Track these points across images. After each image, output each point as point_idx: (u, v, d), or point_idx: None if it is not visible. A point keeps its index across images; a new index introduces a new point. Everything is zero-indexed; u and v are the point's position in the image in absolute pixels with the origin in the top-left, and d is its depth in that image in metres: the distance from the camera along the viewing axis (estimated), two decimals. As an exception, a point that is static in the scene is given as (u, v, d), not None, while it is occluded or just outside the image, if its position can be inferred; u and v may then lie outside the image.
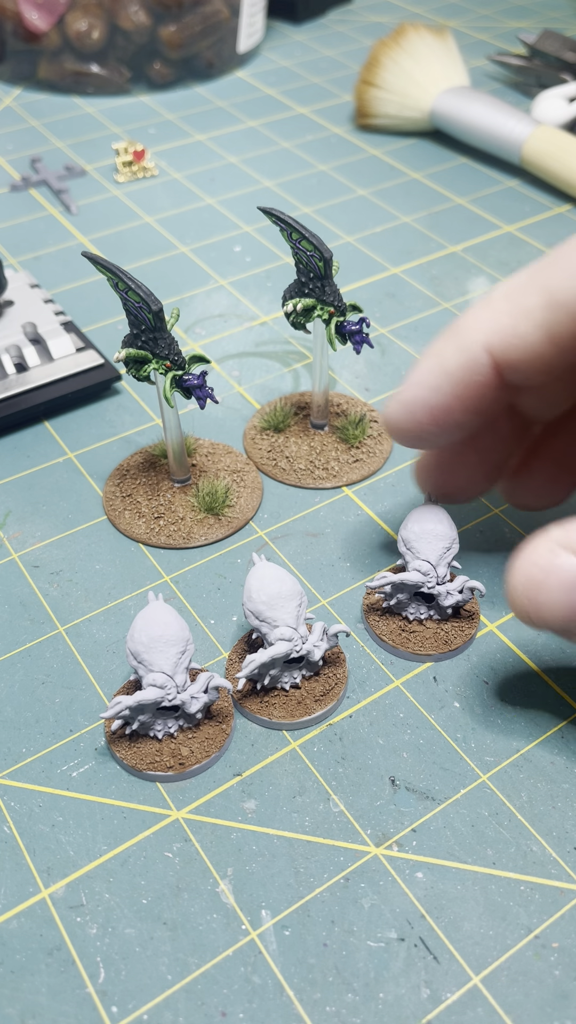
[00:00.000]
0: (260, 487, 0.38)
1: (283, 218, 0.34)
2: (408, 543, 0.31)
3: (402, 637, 0.32)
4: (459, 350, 0.27)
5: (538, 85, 0.66)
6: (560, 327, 0.26)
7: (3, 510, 0.37)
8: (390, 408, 0.29)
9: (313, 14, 0.78)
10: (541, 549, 0.25)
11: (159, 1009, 0.24)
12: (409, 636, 0.32)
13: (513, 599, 0.26)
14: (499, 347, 0.27)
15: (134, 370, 0.33)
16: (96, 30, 0.63)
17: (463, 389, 0.27)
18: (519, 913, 0.26)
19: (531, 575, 0.25)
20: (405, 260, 0.51)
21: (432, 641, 0.32)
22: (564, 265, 0.25)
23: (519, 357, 0.26)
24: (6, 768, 0.29)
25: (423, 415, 0.28)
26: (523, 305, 0.26)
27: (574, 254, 0.26)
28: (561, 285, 0.25)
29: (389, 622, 0.32)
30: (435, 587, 0.31)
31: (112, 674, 0.31)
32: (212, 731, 0.29)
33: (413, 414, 0.29)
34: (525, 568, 0.26)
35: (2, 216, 0.54)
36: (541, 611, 0.25)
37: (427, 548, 0.31)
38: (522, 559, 0.26)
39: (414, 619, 0.32)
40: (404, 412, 0.29)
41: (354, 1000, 0.24)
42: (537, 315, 0.26)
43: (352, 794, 0.28)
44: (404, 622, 0.32)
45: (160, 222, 0.54)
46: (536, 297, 0.26)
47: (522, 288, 0.26)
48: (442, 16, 0.78)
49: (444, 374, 0.28)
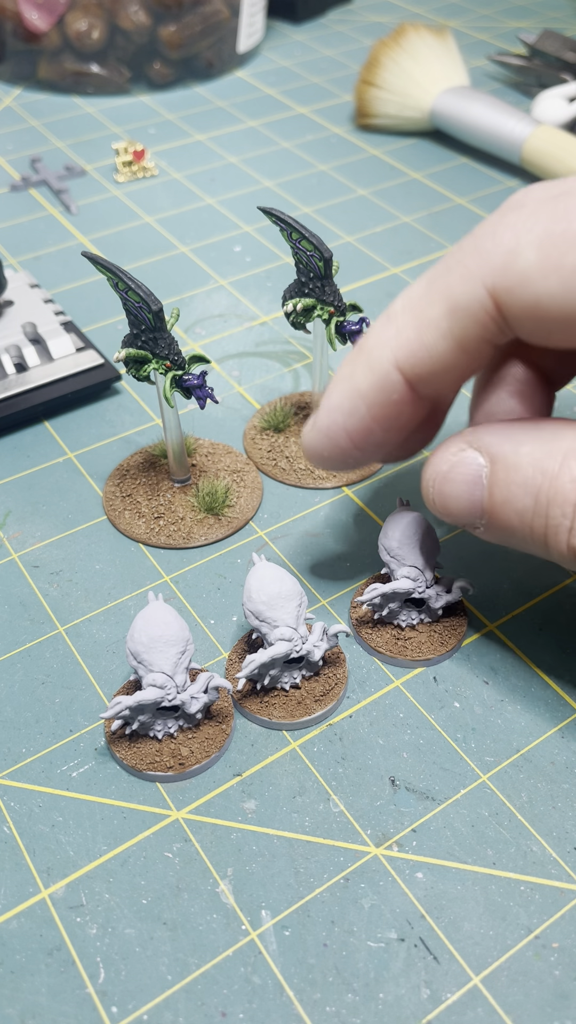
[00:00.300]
0: (260, 487, 0.38)
1: (283, 218, 0.34)
2: (391, 551, 0.31)
3: (398, 646, 0.32)
4: (369, 371, 0.27)
5: (538, 85, 0.66)
6: (465, 333, 0.25)
7: (3, 510, 0.37)
8: (308, 436, 0.29)
9: (313, 14, 0.78)
10: (451, 447, 0.27)
11: (159, 1009, 0.24)
12: (405, 644, 0.32)
13: (424, 491, 0.28)
14: (408, 363, 0.26)
15: (134, 370, 0.33)
16: (96, 30, 0.63)
17: (379, 409, 0.27)
18: (519, 913, 0.26)
19: (439, 469, 0.27)
20: (405, 260, 0.51)
21: (428, 645, 0.32)
22: (460, 271, 0.25)
23: (429, 369, 0.26)
24: (6, 768, 0.29)
25: (343, 440, 0.28)
26: (426, 317, 0.26)
27: (467, 258, 0.25)
28: (462, 290, 0.25)
29: (383, 632, 0.32)
30: (425, 591, 0.31)
31: (112, 674, 0.31)
32: (212, 731, 0.29)
33: (332, 440, 0.28)
34: (435, 463, 0.27)
35: (2, 216, 0.54)
36: (447, 502, 0.27)
37: (412, 554, 0.31)
38: (434, 455, 0.28)
39: (406, 626, 0.32)
40: (323, 439, 0.29)
41: (354, 1000, 0.24)
42: (442, 325, 0.26)
43: (352, 794, 0.28)
44: (397, 630, 0.32)
45: (160, 222, 0.54)
46: (438, 307, 0.26)
47: (422, 299, 0.26)
48: (442, 16, 0.79)
49: (359, 397, 0.27)
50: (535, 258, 0.24)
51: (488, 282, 0.25)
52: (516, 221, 0.24)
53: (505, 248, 0.24)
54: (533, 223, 0.24)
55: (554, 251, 0.23)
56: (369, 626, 0.32)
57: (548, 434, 0.26)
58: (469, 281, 0.25)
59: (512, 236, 0.24)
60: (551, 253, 0.23)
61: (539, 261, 0.24)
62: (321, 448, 0.29)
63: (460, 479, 0.27)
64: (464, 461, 0.27)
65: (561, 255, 0.23)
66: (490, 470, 0.26)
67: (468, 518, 0.27)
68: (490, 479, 0.26)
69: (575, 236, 0.23)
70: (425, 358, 0.26)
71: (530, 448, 0.26)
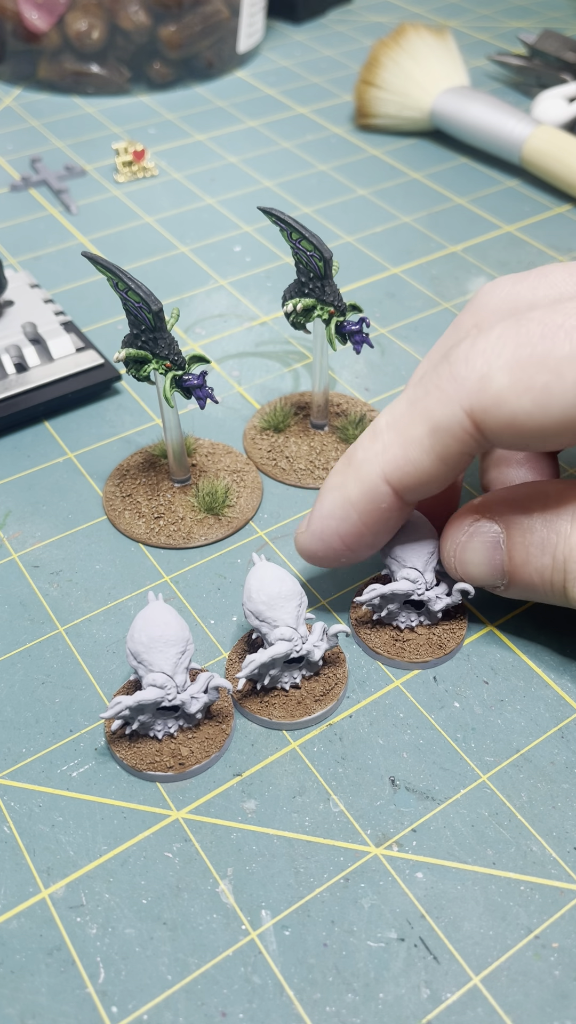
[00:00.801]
0: (260, 487, 0.38)
1: (283, 218, 0.34)
2: (392, 553, 0.31)
3: (396, 647, 0.32)
4: (359, 482, 0.30)
5: (538, 85, 0.66)
6: (446, 449, 0.28)
7: (3, 510, 0.37)
8: (302, 539, 0.32)
9: (313, 14, 0.78)
10: (466, 518, 0.30)
11: (159, 1009, 0.24)
12: (403, 645, 0.32)
13: (445, 561, 0.31)
14: (395, 476, 0.29)
15: (134, 370, 0.33)
16: (96, 30, 0.63)
17: (369, 516, 0.30)
18: (519, 913, 0.26)
19: (458, 540, 0.30)
20: (405, 260, 0.51)
21: (427, 647, 0.32)
22: (438, 395, 0.28)
23: (414, 481, 0.29)
24: (6, 768, 0.29)
25: (336, 542, 0.31)
26: (409, 435, 0.29)
27: (444, 382, 0.28)
28: (441, 413, 0.28)
29: (381, 633, 0.32)
30: (424, 593, 0.31)
31: (112, 674, 0.31)
32: (212, 731, 0.29)
33: (326, 542, 0.31)
34: (453, 535, 0.30)
35: (2, 216, 0.54)
36: (468, 568, 0.30)
37: (412, 555, 0.31)
38: (451, 527, 0.31)
39: (405, 627, 0.32)
40: (317, 541, 0.31)
41: (354, 1000, 0.24)
42: (425, 442, 0.28)
43: (352, 794, 0.28)
44: (396, 631, 0.32)
45: (160, 222, 0.54)
46: (420, 426, 0.28)
47: (404, 417, 0.29)
48: (442, 16, 0.79)
49: (349, 505, 0.30)
50: (507, 381, 0.26)
51: (465, 404, 0.27)
52: (486, 348, 0.27)
53: (478, 374, 0.27)
54: (501, 349, 0.27)
55: (523, 374, 0.26)
56: (368, 626, 0.32)
57: (554, 498, 0.29)
58: (447, 404, 0.28)
59: (484, 362, 0.27)
60: (520, 377, 0.26)
61: (511, 384, 0.26)
62: (315, 549, 0.31)
63: (479, 547, 0.30)
64: (480, 530, 0.30)
65: (530, 377, 0.26)
66: (506, 535, 0.30)
67: (490, 580, 0.30)
68: (508, 544, 0.30)
69: (540, 359, 0.26)
70: (411, 472, 0.29)
71: (541, 512, 0.29)
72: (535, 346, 0.26)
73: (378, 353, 0.45)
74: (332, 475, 0.31)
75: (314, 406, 0.39)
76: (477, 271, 0.50)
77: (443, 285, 0.49)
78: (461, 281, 0.49)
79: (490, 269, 0.50)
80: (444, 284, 0.49)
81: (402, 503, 0.30)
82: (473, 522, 0.30)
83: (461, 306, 0.47)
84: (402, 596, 0.31)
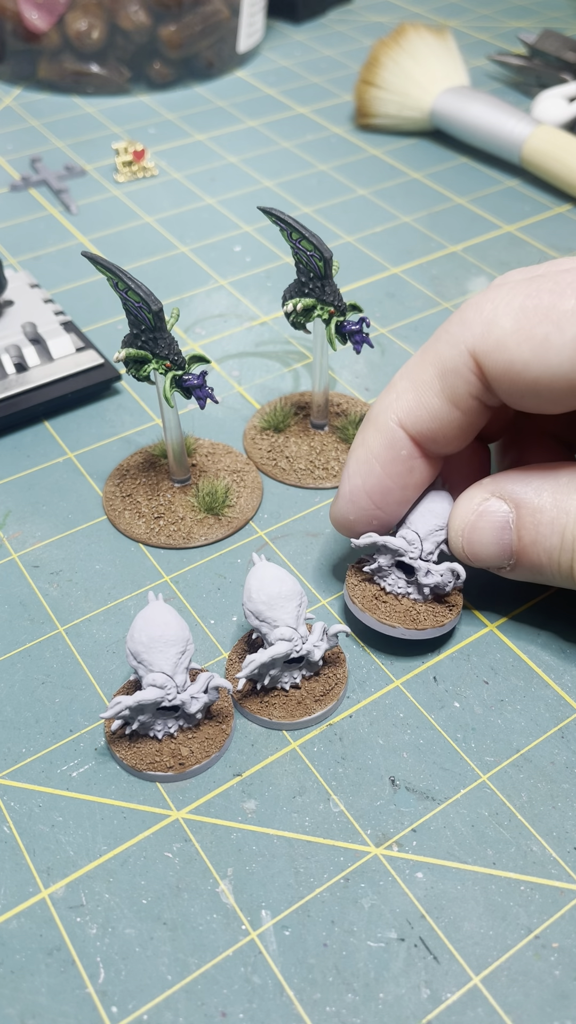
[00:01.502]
0: (260, 487, 0.38)
1: (283, 218, 0.34)
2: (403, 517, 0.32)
3: (372, 603, 0.32)
4: (377, 432, 0.30)
5: (538, 85, 0.66)
6: (455, 391, 0.29)
7: (3, 510, 0.37)
8: (334, 508, 0.32)
9: (313, 14, 0.78)
10: (476, 497, 0.30)
11: (159, 1009, 0.24)
12: (379, 604, 0.32)
13: (452, 540, 0.31)
14: (409, 420, 0.30)
15: (134, 370, 0.33)
16: (96, 30, 0.63)
17: (391, 466, 0.30)
18: (519, 913, 0.26)
19: (466, 519, 0.30)
20: (405, 260, 0.51)
21: (400, 615, 0.31)
22: (447, 338, 0.29)
23: (428, 426, 0.29)
24: (6, 768, 0.29)
25: (364, 500, 0.31)
26: (420, 379, 0.29)
27: (453, 327, 0.29)
28: (449, 355, 0.29)
29: (365, 589, 0.32)
30: (416, 560, 0.31)
31: (112, 674, 0.31)
32: (212, 731, 0.29)
33: (355, 503, 0.31)
34: (461, 514, 0.30)
35: (2, 216, 0.54)
36: (476, 549, 0.30)
37: (418, 521, 0.31)
38: (459, 505, 0.30)
39: (391, 592, 0.32)
40: (347, 503, 0.31)
41: (354, 1000, 0.24)
42: (435, 384, 0.29)
43: (352, 794, 0.28)
44: (381, 592, 0.32)
45: (160, 222, 0.54)
46: (430, 370, 0.29)
47: (416, 365, 0.30)
48: (442, 16, 0.79)
49: (372, 457, 0.30)
50: (510, 327, 0.27)
51: (470, 345, 0.28)
52: (496, 296, 0.28)
53: (485, 318, 0.28)
54: (511, 298, 0.28)
55: (526, 322, 0.27)
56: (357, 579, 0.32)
57: (565, 477, 0.29)
58: (455, 346, 0.29)
59: (491, 308, 0.28)
60: (523, 324, 0.27)
61: (513, 331, 0.27)
62: (347, 512, 0.31)
63: (488, 526, 0.30)
64: (490, 509, 0.30)
65: (532, 326, 0.27)
66: (516, 515, 0.29)
67: (497, 561, 0.30)
68: (517, 523, 0.29)
69: (544, 311, 0.27)
70: (424, 415, 0.29)
71: (551, 491, 0.29)
72: (541, 297, 0.27)
73: (378, 353, 0.45)
74: (357, 435, 0.31)
75: (314, 406, 0.39)
76: (477, 271, 0.50)
77: (443, 285, 0.49)
78: (461, 281, 0.49)
79: (490, 269, 0.50)
80: (444, 284, 0.49)
81: (424, 453, 0.30)
82: (482, 501, 0.30)
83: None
84: (392, 552, 0.31)
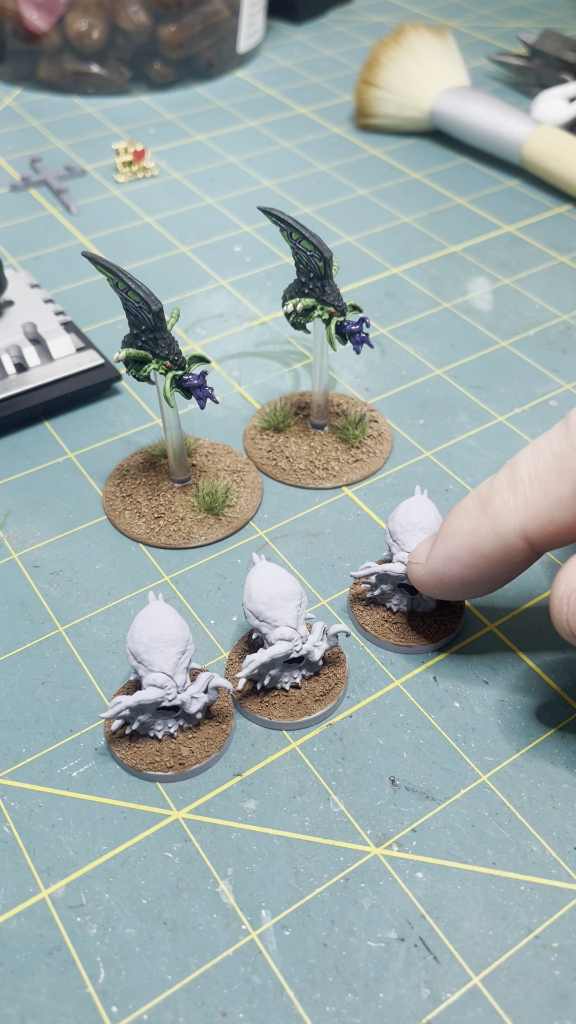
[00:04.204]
0: (260, 487, 0.38)
1: (283, 218, 0.34)
2: (394, 535, 0.32)
3: (384, 628, 0.32)
4: (495, 536, 0.28)
5: (538, 85, 0.66)
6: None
7: (3, 510, 0.37)
8: (419, 573, 0.30)
9: (313, 14, 0.78)
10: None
11: (159, 1009, 0.24)
12: (391, 627, 0.32)
13: (556, 610, 0.27)
14: (537, 535, 0.28)
15: (134, 370, 0.33)
16: (96, 30, 0.63)
17: (499, 568, 0.29)
18: (519, 913, 0.26)
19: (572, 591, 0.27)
20: (405, 260, 0.51)
21: (413, 633, 0.32)
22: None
23: (557, 541, 0.28)
24: (6, 768, 0.29)
25: (456, 585, 0.29)
26: (556, 494, 0.27)
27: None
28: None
29: (373, 612, 0.32)
30: None
31: (112, 674, 0.31)
32: (212, 731, 0.29)
33: (446, 584, 0.30)
34: (566, 584, 0.27)
35: (2, 216, 0.54)
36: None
37: (412, 540, 0.31)
38: (563, 576, 0.27)
39: (398, 610, 0.32)
40: (436, 580, 0.30)
41: (354, 1000, 0.24)
42: (572, 504, 0.27)
43: (352, 794, 0.28)
44: (388, 613, 0.32)
45: (160, 222, 0.54)
46: (568, 488, 0.27)
47: (551, 473, 0.27)
48: (442, 16, 0.79)
49: (480, 556, 0.29)
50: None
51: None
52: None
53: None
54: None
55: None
56: (362, 604, 0.33)
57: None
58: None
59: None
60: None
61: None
62: (432, 587, 0.30)
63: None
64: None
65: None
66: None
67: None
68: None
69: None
70: (555, 532, 0.27)
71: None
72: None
73: (378, 353, 0.45)
74: (462, 516, 0.29)
75: (314, 406, 0.39)
76: (477, 271, 0.50)
77: (443, 285, 0.49)
78: (461, 281, 0.49)
79: (490, 269, 0.50)
80: (444, 284, 0.49)
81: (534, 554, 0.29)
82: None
83: (461, 306, 0.48)
84: (395, 578, 0.31)
